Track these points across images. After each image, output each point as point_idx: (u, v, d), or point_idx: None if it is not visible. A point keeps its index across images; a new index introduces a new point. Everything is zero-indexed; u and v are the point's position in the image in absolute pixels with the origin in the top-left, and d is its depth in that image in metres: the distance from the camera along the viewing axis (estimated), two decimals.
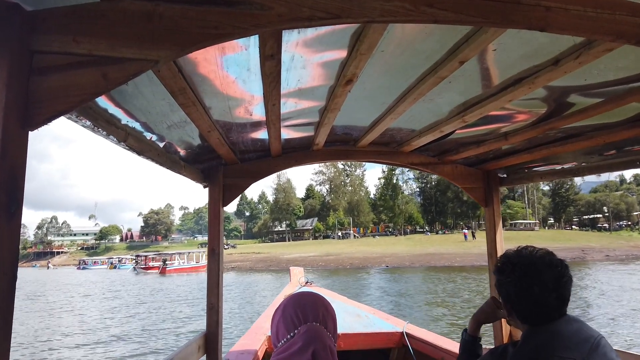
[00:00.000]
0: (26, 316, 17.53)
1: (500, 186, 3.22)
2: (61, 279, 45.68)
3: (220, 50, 1.36)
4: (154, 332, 13.65)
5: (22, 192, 0.84)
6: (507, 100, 1.82)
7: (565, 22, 1.04)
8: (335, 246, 64.30)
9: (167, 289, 28.72)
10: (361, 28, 1.29)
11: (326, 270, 41.16)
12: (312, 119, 2.31)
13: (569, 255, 43.60)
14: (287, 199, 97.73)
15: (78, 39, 0.89)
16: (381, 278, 31.29)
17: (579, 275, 26.78)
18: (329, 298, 1.47)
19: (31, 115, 0.87)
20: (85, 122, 1.34)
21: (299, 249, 63.77)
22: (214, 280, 2.79)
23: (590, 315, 13.28)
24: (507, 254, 1.51)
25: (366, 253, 51.95)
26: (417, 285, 24.90)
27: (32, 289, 32.26)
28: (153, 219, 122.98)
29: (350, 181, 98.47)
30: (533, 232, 63.64)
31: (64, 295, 27.46)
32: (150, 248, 78.47)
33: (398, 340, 3.91)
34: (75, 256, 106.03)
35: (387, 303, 17.74)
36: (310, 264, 46.33)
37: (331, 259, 49.19)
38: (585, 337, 1.32)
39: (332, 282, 28.21)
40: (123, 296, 25.43)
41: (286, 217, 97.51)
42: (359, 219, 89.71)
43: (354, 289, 23.67)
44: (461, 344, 1.86)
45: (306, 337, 1.20)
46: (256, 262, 53.24)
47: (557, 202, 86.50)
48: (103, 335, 13.40)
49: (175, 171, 2.33)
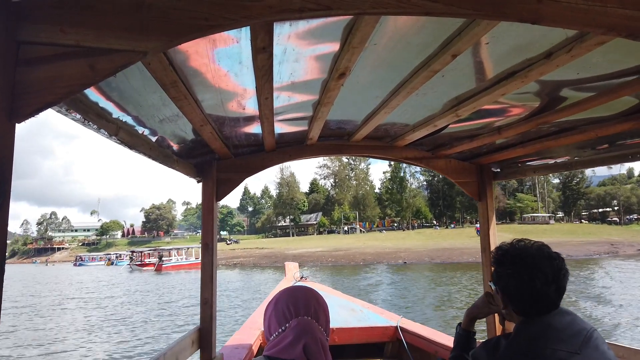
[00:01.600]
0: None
1: (494, 180, 3.23)
2: (45, 278, 43.46)
3: (211, 43, 1.35)
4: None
5: (9, 184, 0.83)
6: (500, 94, 1.82)
7: (557, 14, 1.03)
8: (342, 241, 63.00)
9: (157, 290, 26.16)
10: (353, 21, 1.28)
11: (336, 267, 38.76)
12: (305, 113, 2.31)
13: (600, 249, 42.07)
14: (290, 193, 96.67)
15: (65, 29, 0.87)
16: (406, 278, 27.18)
17: (620, 271, 25.70)
18: (323, 293, 1.47)
19: (18, 107, 0.85)
20: (76, 115, 1.32)
21: (304, 244, 62.55)
22: (207, 275, 2.78)
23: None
24: (504, 247, 1.51)
25: (377, 248, 50.28)
26: (463, 290, 20.04)
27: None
28: (155, 214, 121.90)
29: (355, 175, 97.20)
30: (548, 226, 62.57)
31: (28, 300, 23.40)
32: (152, 244, 77.51)
33: (392, 334, 3.93)
34: (76, 252, 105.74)
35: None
36: (318, 260, 44.77)
37: (341, 255, 47.08)
38: (578, 330, 1.32)
39: (349, 282, 25.20)
40: (102, 300, 22.38)
41: (290, 212, 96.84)
42: (365, 213, 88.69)
43: (385, 294, 19.90)
44: (455, 338, 1.88)
45: (297, 331, 1.20)
46: (260, 257, 51.63)
47: (568, 195, 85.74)
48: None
49: (168, 166, 2.32)
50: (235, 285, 26.88)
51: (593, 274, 25.31)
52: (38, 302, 22.69)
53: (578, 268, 27.23)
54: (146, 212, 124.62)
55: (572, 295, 16.70)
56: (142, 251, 59.74)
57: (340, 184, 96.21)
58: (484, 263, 3.11)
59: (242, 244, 76.77)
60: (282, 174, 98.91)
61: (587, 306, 14.99)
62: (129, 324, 15.37)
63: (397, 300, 17.98)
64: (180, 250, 55.53)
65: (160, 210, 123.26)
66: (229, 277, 33.20)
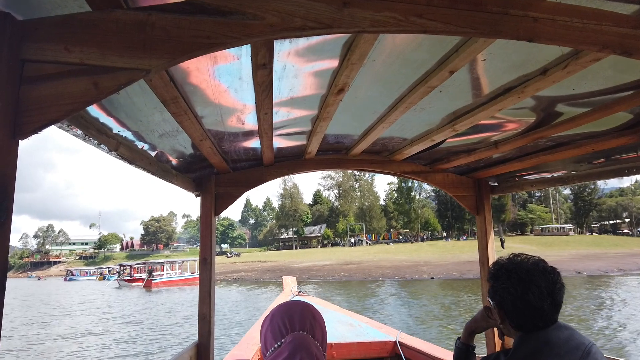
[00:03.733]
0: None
1: (492, 194, 3.24)
2: (16, 298, 34.30)
3: (212, 60, 1.36)
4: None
5: (11, 201, 0.83)
6: (496, 110, 1.84)
7: (553, 32, 1.06)
8: (350, 253, 59.46)
9: (142, 316, 19.88)
10: (352, 38, 1.30)
11: (351, 284, 32.61)
12: (304, 128, 2.32)
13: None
14: (294, 205, 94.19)
15: (69, 47, 0.89)
16: (466, 301, 19.58)
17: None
18: (321, 307, 1.47)
19: (21, 124, 0.86)
20: (77, 131, 1.33)
21: (310, 257, 59.44)
22: (205, 290, 2.77)
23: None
24: (500, 262, 1.52)
25: (392, 261, 45.74)
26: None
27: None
28: (154, 226, 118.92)
29: (360, 186, 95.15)
30: (569, 237, 59.49)
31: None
32: (151, 257, 74.89)
33: (391, 349, 3.90)
34: (73, 266, 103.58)
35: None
36: (329, 274, 39.77)
37: (354, 269, 41.94)
38: (577, 345, 1.32)
39: (392, 309, 18.05)
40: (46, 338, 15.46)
41: (293, 224, 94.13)
42: (371, 224, 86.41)
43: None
44: (454, 353, 1.87)
45: (292, 346, 1.19)
46: (263, 272, 46.05)
47: (580, 207, 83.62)
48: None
49: (167, 180, 2.32)
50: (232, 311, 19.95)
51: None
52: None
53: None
54: (145, 224, 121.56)
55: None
56: (132, 265, 53.46)
57: (345, 195, 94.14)
58: (482, 277, 3.11)
59: (243, 257, 74.42)
60: (285, 184, 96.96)
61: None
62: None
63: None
64: (174, 264, 48.88)
65: (160, 223, 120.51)
66: (224, 296, 27.23)
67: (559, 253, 44.54)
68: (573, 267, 32.43)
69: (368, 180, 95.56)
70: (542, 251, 44.56)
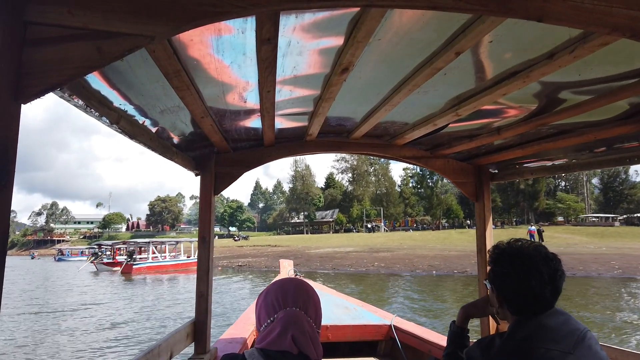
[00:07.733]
0: None
1: (491, 181, 3.24)
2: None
3: (216, 33, 1.35)
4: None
5: (13, 164, 0.82)
6: (501, 94, 1.83)
7: (562, 12, 1.04)
8: (369, 240, 49.76)
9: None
10: (359, 14, 1.28)
11: (400, 279, 22.34)
12: (306, 109, 2.31)
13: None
14: (305, 187, 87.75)
15: (73, 11, 0.87)
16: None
17: None
18: (317, 289, 1.47)
19: (24, 87, 0.85)
20: (78, 101, 1.32)
21: (326, 242, 51.06)
22: (203, 269, 2.78)
23: None
24: (501, 246, 1.52)
25: (431, 250, 35.57)
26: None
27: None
28: (160, 206, 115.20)
29: (375, 170, 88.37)
30: (618, 228, 51.50)
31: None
32: (156, 238, 71.87)
33: (386, 332, 3.94)
34: (76, 245, 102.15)
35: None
36: (359, 264, 29.42)
37: (388, 257, 32.00)
38: (572, 330, 1.33)
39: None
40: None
41: (304, 208, 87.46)
42: (388, 210, 79.95)
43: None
44: (449, 336, 1.88)
45: (284, 322, 1.20)
46: (274, 258, 35.41)
47: (609, 197, 76.51)
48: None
49: (167, 157, 2.31)
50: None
51: None
52: None
53: None
54: (151, 204, 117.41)
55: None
56: (114, 245, 41.88)
57: (359, 179, 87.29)
58: (480, 264, 3.12)
59: (252, 240, 67.67)
60: (297, 166, 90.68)
61: None
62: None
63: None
64: (164, 244, 38.36)
65: (166, 203, 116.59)
66: (220, 298, 16.56)
67: (632, 246, 33.21)
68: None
69: (384, 164, 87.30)
70: (605, 243, 35.66)
